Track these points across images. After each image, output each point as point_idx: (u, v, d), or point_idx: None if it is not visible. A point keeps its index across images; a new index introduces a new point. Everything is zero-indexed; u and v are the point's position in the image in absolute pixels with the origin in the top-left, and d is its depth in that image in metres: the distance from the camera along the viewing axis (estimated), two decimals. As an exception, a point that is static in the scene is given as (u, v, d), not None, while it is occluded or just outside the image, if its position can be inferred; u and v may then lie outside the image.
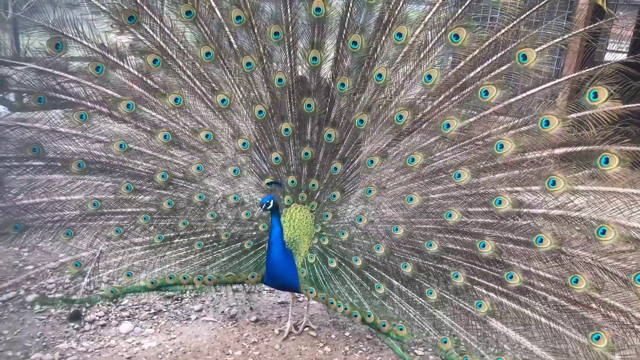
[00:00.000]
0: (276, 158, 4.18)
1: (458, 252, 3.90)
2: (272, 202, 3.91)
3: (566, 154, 3.54)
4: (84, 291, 4.25)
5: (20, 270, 5.13)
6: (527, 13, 3.54)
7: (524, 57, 3.54)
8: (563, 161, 3.57)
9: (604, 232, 3.41)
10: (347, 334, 4.56)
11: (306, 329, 4.56)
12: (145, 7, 3.92)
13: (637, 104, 3.31)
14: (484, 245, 3.77)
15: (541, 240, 3.60)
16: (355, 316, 4.13)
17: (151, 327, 4.46)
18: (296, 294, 4.60)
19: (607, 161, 3.39)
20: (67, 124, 4.06)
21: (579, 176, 3.54)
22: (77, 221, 4.16)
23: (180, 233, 4.28)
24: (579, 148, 3.49)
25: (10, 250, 5.33)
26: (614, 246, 3.42)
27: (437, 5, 3.72)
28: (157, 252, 4.31)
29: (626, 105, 3.35)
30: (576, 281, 3.52)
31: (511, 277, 3.72)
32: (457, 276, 3.88)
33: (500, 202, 3.71)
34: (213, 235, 4.32)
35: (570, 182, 3.52)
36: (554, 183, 3.56)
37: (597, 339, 3.45)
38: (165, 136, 4.12)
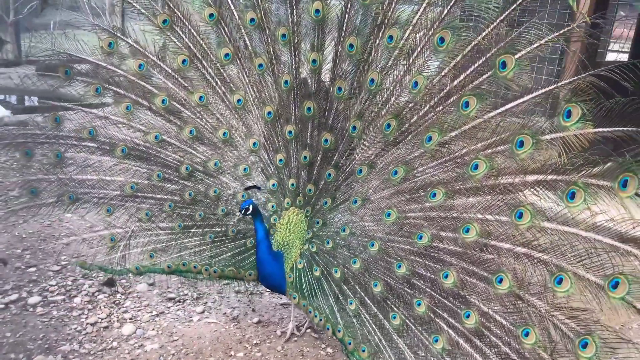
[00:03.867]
0: (280, 160, 4.20)
1: (425, 279, 3.54)
2: (251, 207, 3.96)
3: (536, 182, 2.98)
4: (116, 263, 4.73)
5: (23, 272, 5.31)
6: (506, 13, 3.07)
7: (504, 64, 3.08)
8: (534, 189, 3.02)
9: (560, 282, 2.84)
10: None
11: (308, 330, 4.52)
12: (177, 12, 4.25)
13: (608, 129, 2.67)
14: (446, 276, 3.37)
15: (500, 281, 3.12)
16: (328, 329, 3.97)
17: (153, 329, 4.56)
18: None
19: (572, 196, 2.81)
20: (116, 113, 4.59)
21: (547, 209, 2.96)
22: (117, 200, 4.65)
23: (197, 223, 4.52)
24: (549, 177, 2.93)
25: (13, 253, 5.65)
26: (567, 300, 2.81)
27: (424, 4, 3.41)
28: (177, 239, 4.60)
29: (597, 130, 2.72)
30: (527, 334, 2.98)
31: (468, 316, 3.29)
32: (419, 304, 3.53)
33: (467, 231, 3.29)
34: (222, 229, 4.48)
35: (536, 217, 2.97)
36: (520, 216, 3.04)
37: None
38: (191, 131, 4.40)
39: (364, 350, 3.79)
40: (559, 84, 2.87)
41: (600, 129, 2.68)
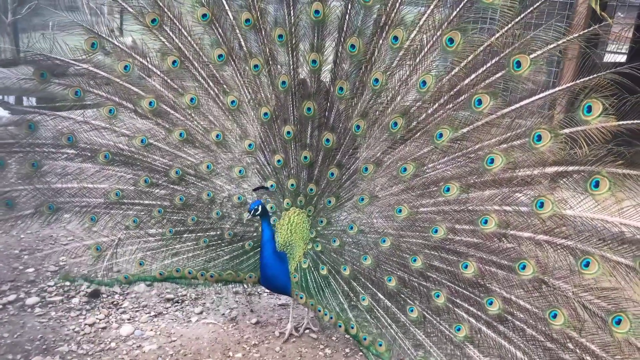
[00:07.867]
0: (278, 160, 4.19)
1: (442, 271, 3.66)
2: (260, 208, 3.94)
3: (557, 173, 3.17)
4: (102, 273, 4.55)
5: (21, 272, 5.25)
6: (522, 15, 3.23)
7: (518, 64, 3.23)
8: (554, 181, 3.20)
9: (587, 265, 3.03)
10: (347, 336, 4.42)
11: (307, 331, 4.54)
12: (167, 11, 4.13)
13: (632, 122, 2.88)
14: (466, 266, 3.51)
15: (524, 267, 3.28)
16: (340, 326, 4.02)
17: (151, 330, 4.52)
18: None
19: (597, 185, 2.99)
20: (98, 117, 4.40)
21: (568, 199, 3.15)
22: (101, 208, 4.47)
23: (189, 228, 4.44)
24: (570, 168, 3.11)
25: (11, 253, 5.56)
26: (596, 281, 3.01)
27: (432, 7, 3.51)
28: (168, 245, 4.50)
29: (621, 122, 2.92)
30: (554, 316, 3.17)
31: (491, 303, 3.43)
32: (438, 295, 3.65)
33: (486, 222, 3.42)
34: (218, 233, 4.42)
35: (558, 205, 3.15)
36: (541, 205, 3.21)
37: None
38: (180, 134, 4.29)
39: (380, 345, 3.86)
40: (577, 81, 3.05)
41: (624, 122, 2.88)
